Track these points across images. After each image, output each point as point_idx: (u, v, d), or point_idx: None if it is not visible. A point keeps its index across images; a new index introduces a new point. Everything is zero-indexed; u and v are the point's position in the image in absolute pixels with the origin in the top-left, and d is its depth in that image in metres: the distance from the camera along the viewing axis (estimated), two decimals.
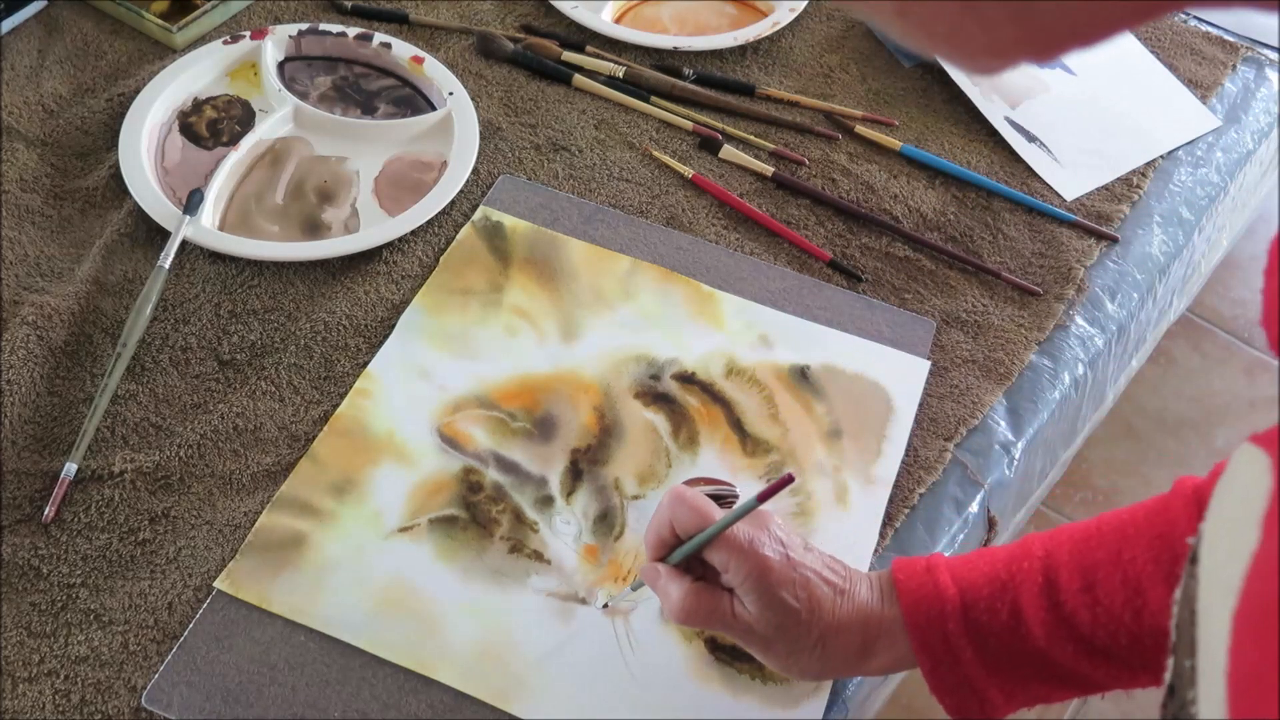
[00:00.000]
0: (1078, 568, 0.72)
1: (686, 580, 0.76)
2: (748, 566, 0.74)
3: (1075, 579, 0.72)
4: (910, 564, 0.77)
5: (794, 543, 0.77)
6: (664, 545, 0.78)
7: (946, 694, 0.75)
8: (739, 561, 0.74)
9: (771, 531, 0.76)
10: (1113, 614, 0.71)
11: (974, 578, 0.74)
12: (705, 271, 1.05)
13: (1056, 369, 1.04)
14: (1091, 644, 0.72)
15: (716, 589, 0.76)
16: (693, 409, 0.95)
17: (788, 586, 0.75)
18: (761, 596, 0.74)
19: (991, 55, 0.44)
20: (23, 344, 0.94)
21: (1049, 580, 0.72)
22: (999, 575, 0.74)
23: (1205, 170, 1.22)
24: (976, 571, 0.75)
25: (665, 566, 0.78)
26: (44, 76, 1.15)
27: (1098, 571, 0.71)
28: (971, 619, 0.73)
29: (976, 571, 0.75)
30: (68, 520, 0.87)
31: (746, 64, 1.25)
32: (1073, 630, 0.72)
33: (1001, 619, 0.73)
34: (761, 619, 0.75)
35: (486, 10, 1.27)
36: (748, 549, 0.75)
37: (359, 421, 0.93)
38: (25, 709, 0.79)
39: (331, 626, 0.82)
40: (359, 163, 1.11)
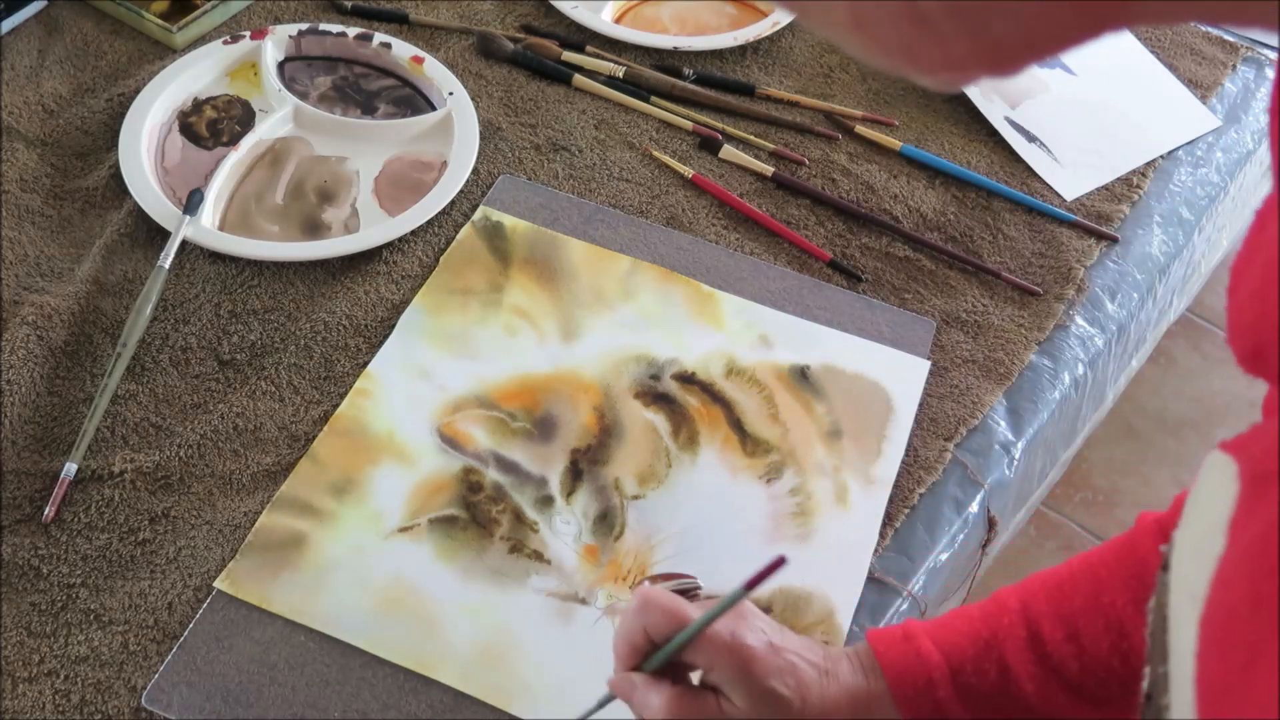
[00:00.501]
0: (1058, 617, 0.71)
1: (666, 686, 0.70)
2: (733, 661, 0.69)
3: (1058, 629, 0.71)
4: (887, 635, 0.74)
5: (771, 626, 0.72)
6: (636, 653, 0.71)
7: None
8: (724, 658, 0.69)
9: (750, 620, 0.71)
10: (1099, 660, 0.70)
11: (955, 639, 0.72)
12: (705, 271, 1.05)
13: (1056, 369, 1.04)
14: (1081, 691, 0.71)
15: (699, 691, 0.71)
16: (693, 409, 0.95)
17: (776, 675, 0.70)
18: (751, 690, 0.69)
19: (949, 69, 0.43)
20: (23, 344, 0.94)
21: (1032, 633, 0.71)
22: (980, 634, 0.72)
23: (1205, 170, 1.22)
24: (956, 633, 0.72)
25: (641, 676, 0.71)
26: (44, 76, 1.15)
27: (1079, 619, 0.70)
28: (961, 683, 0.71)
29: (956, 633, 0.72)
30: (68, 520, 0.87)
31: (746, 64, 1.25)
32: (1063, 681, 0.71)
33: (990, 678, 0.71)
34: (753, 713, 0.69)
35: (486, 10, 1.27)
36: (731, 643, 0.69)
37: (359, 421, 0.93)
38: (25, 709, 0.79)
39: (331, 626, 0.82)
40: (359, 163, 1.11)
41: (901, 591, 0.89)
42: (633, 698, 0.71)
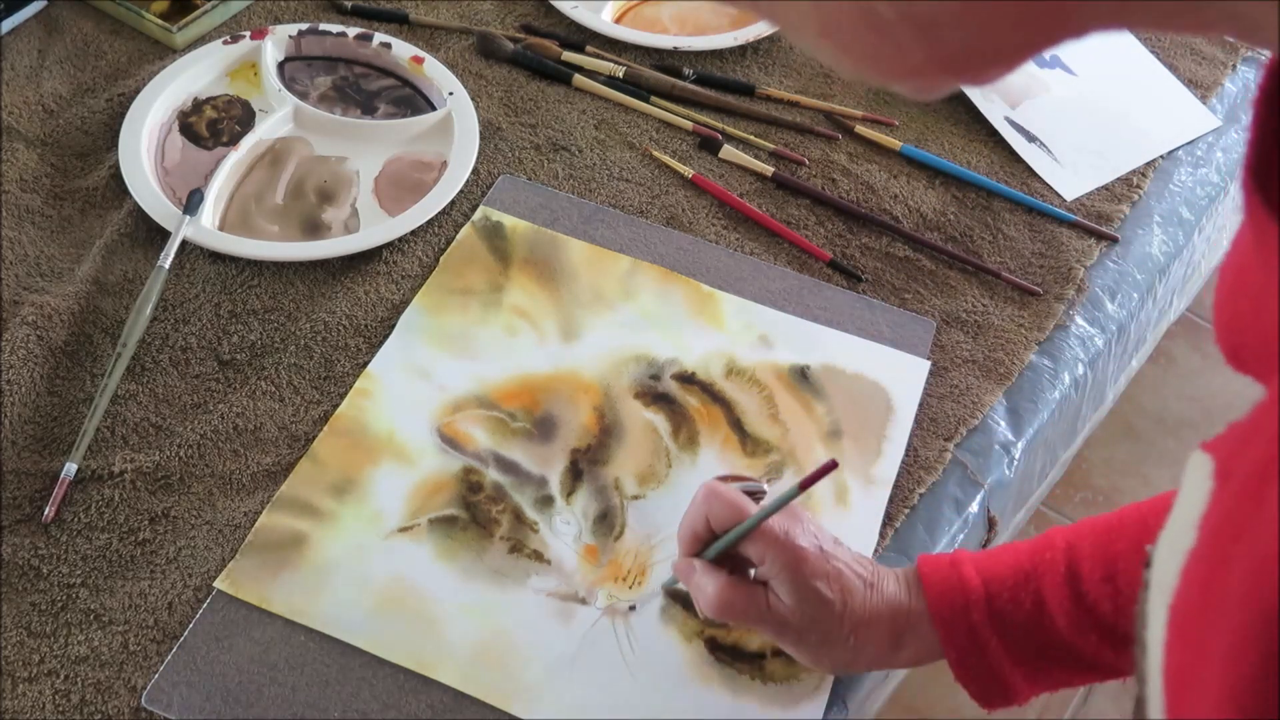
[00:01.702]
0: (1100, 558, 0.73)
1: (722, 575, 0.77)
2: (784, 558, 0.75)
3: (1097, 569, 0.72)
4: (935, 559, 0.78)
5: (825, 534, 0.78)
6: (698, 540, 0.79)
7: (972, 682, 0.76)
8: (775, 553, 0.75)
9: (805, 524, 0.77)
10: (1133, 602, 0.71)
11: (998, 570, 0.75)
12: (705, 271, 1.05)
13: (1056, 369, 1.04)
14: (1114, 631, 0.72)
15: (751, 583, 0.77)
16: (693, 409, 0.95)
17: (822, 578, 0.75)
18: (798, 589, 0.75)
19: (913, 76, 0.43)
20: (23, 344, 0.94)
21: (1071, 570, 0.73)
22: (1022, 566, 0.74)
23: (1205, 170, 1.22)
24: (1000, 563, 0.75)
25: (700, 561, 0.79)
26: (44, 76, 1.15)
27: (1119, 562, 0.72)
28: (995, 609, 0.74)
29: (1000, 563, 0.75)
30: (68, 520, 0.87)
31: (746, 64, 1.25)
32: (1095, 619, 0.72)
33: (1025, 609, 0.74)
34: (797, 611, 0.75)
35: (486, 10, 1.27)
36: (784, 541, 0.75)
37: (359, 421, 0.93)
38: (25, 709, 0.79)
39: (331, 626, 0.82)
40: (359, 163, 1.11)
41: None
42: (691, 580, 0.79)
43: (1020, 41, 0.42)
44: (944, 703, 1.69)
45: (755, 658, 0.83)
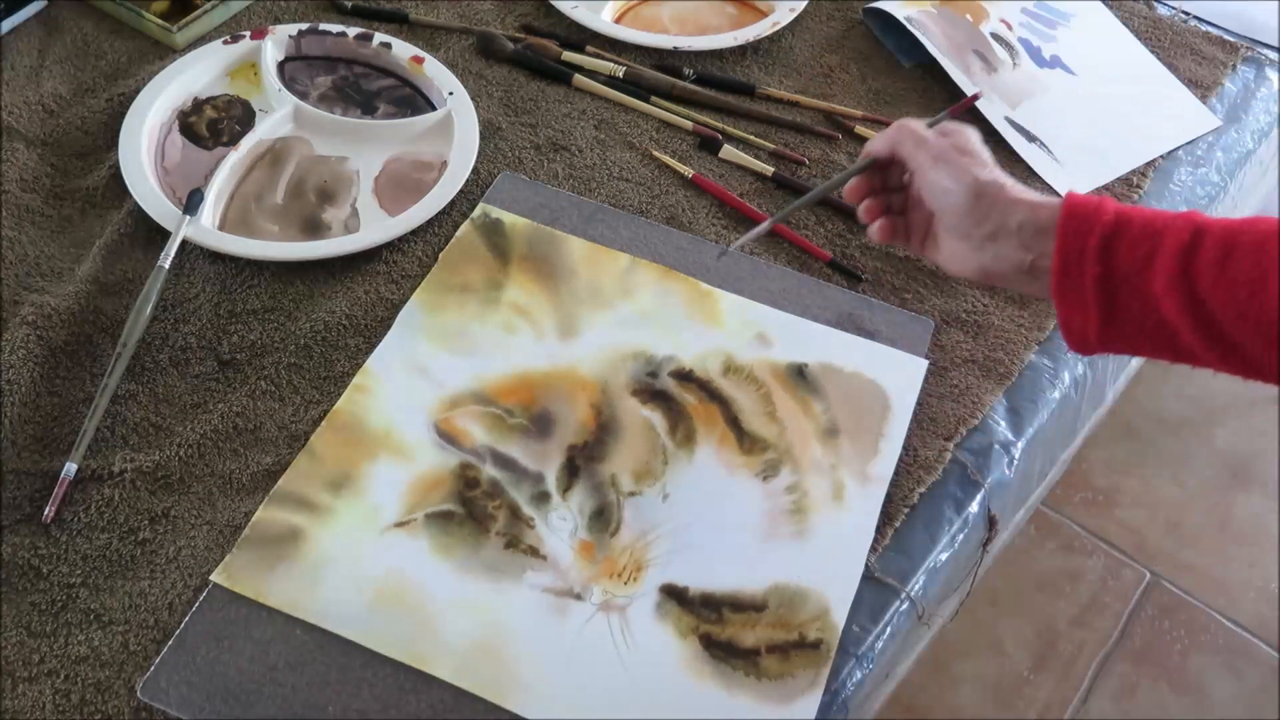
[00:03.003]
0: (1222, 242, 0.74)
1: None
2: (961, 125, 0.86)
3: (1215, 249, 0.74)
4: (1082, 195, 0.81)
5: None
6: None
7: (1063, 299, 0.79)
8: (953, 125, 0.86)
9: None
10: (1233, 286, 0.73)
11: (1134, 216, 0.78)
12: (705, 271, 1.05)
13: (1056, 369, 1.04)
14: (1201, 307, 0.74)
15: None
16: (690, 406, 0.96)
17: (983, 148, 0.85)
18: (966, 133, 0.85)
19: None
20: (23, 344, 0.94)
21: (1193, 242, 0.75)
22: (1155, 224, 0.77)
23: (1205, 170, 1.22)
24: (1139, 214, 0.78)
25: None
26: (44, 76, 1.15)
27: (1237, 250, 0.74)
28: (1111, 244, 0.77)
29: (1139, 214, 0.78)
30: (68, 520, 0.87)
31: (746, 64, 1.25)
32: (1190, 287, 0.74)
33: (1137, 254, 0.76)
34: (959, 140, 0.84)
35: (486, 10, 1.27)
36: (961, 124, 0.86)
37: (356, 417, 0.93)
38: (25, 709, 0.79)
39: (327, 620, 0.82)
40: (359, 163, 1.11)
41: (901, 592, 0.89)
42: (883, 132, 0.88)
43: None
44: (944, 703, 1.69)
45: (750, 654, 0.83)
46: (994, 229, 0.81)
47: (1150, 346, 0.78)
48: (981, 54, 1.26)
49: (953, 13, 1.28)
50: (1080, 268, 0.77)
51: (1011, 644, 1.76)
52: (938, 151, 0.83)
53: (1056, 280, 0.78)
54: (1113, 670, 1.75)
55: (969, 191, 0.81)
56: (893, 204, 0.90)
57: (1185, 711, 1.72)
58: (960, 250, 0.84)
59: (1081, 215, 0.78)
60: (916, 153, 0.84)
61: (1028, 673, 1.73)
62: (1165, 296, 0.75)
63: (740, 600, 0.86)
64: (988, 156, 0.84)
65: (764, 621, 0.85)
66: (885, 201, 0.89)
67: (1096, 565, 1.84)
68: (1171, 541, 1.86)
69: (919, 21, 1.25)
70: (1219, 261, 0.73)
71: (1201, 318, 0.74)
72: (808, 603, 0.86)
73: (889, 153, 0.86)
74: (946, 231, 0.84)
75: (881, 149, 0.87)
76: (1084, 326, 0.78)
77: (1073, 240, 0.78)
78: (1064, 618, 1.79)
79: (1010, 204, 0.81)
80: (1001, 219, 0.81)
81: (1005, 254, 0.81)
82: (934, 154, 0.83)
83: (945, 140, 0.84)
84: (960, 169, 0.82)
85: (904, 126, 0.85)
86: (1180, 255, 0.74)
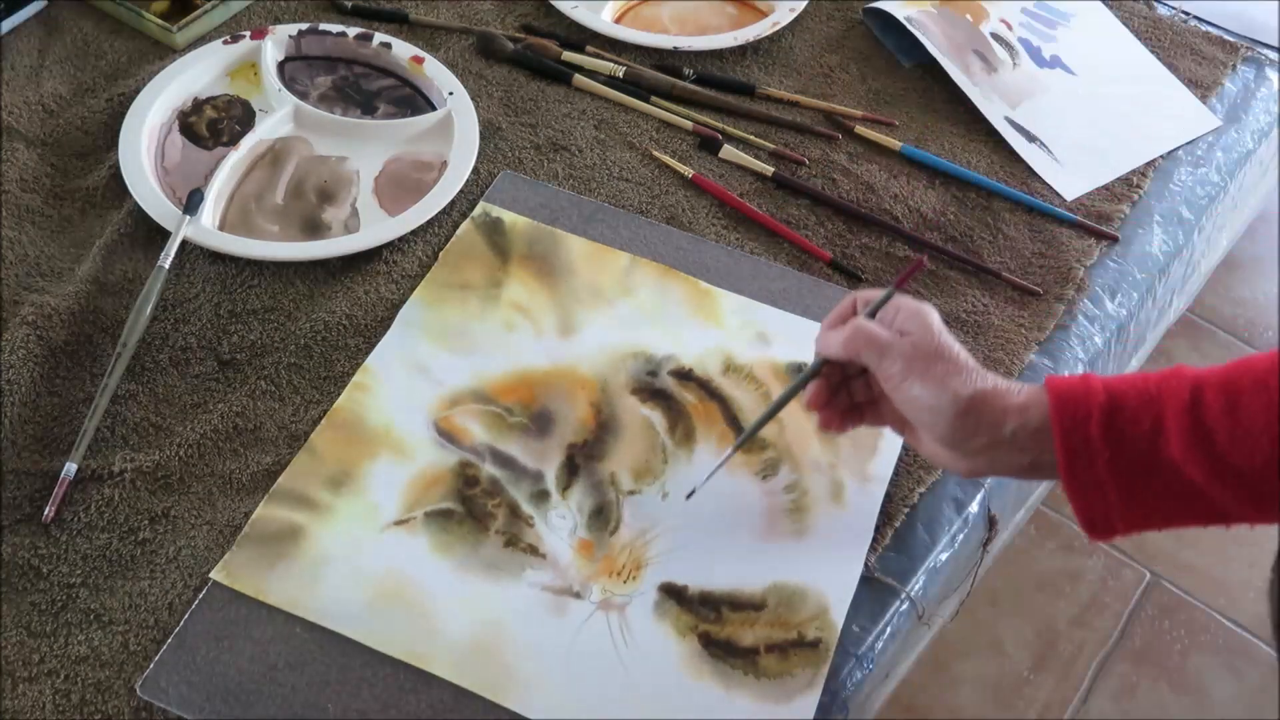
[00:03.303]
0: (1223, 391, 0.73)
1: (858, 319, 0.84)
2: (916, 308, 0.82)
3: (1220, 400, 0.73)
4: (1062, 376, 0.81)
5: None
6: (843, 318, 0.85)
7: (1078, 495, 0.76)
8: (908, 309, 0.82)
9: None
10: (1251, 434, 0.72)
11: (1123, 386, 0.76)
12: (705, 271, 1.05)
13: (1056, 369, 1.04)
14: (1225, 462, 0.72)
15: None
16: (690, 405, 0.96)
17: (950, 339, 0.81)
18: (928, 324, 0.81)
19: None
20: (23, 344, 0.94)
21: (1195, 398, 0.73)
22: (1149, 389, 0.75)
23: (1205, 170, 1.22)
24: (1126, 382, 0.77)
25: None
26: (44, 76, 1.15)
27: (1242, 395, 0.73)
28: (1114, 422, 0.75)
29: (1126, 382, 0.77)
30: (68, 520, 0.87)
31: (746, 64, 1.25)
32: (1209, 446, 0.73)
33: (1143, 428, 0.74)
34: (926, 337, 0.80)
35: (486, 10, 1.27)
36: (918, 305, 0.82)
37: (356, 415, 0.93)
38: (25, 709, 0.79)
39: (327, 619, 0.82)
40: (359, 163, 1.11)
41: (901, 592, 0.89)
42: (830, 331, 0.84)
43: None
44: (944, 703, 1.69)
45: (749, 653, 0.83)
46: (986, 442, 0.79)
47: (1180, 514, 0.76)
48: (981, 54, 1.26)
49: (953, 13, 1.28)
50: (1088, 458, 0.75)
51: (1011, 644, 1.76)
52: (906, 362, 0.79)
53: (1066, 477, 0.76)
54: (1113, 670, 1.75)
55: (952, 410, 0.78)
56: (855, 391, 0.87)
57: (1185, 711, 1.72)
58: (950, 457, 0.82)
59: (1073, 403, 0.76)
60: (882, 364, 0.80)
61: (1028, 673, 1.73)
62: (1186, 461, 0.73)
63: (739, 599, 0.86)
64: (956, 349, 0.80)
65: (763, 620, 0.85)
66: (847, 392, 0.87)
67: (1096, 565, 1.84)
68: (1171, 541, 1.86)
69: (919, 21, 1.25)
70: (1228, 412, 0.72)
71: (1228, 472, 0.72)
72: (806, 602, 0.86)
73: (847, 359, 0.83)
74: (931, 439, 0.82)
75: (838, 354, 0.83)
76: (1106, 513, 0.76)
77: (1073, 433, 0.75)
78: (1064, 618, 1.79)
79: (998, 415, 0.78)
80: (992, 432, 0.78)
81: (1001, 460, 0.79)
82: (904, 365, 0.80)
83: (907, 341, 0.80)
84: (937, 384, 0.79)
85: (860, 331, 0.81)
86: (1187, 415, 0.73)
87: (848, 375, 0.87)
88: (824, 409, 0.87)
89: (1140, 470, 0.74)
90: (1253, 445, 0.71)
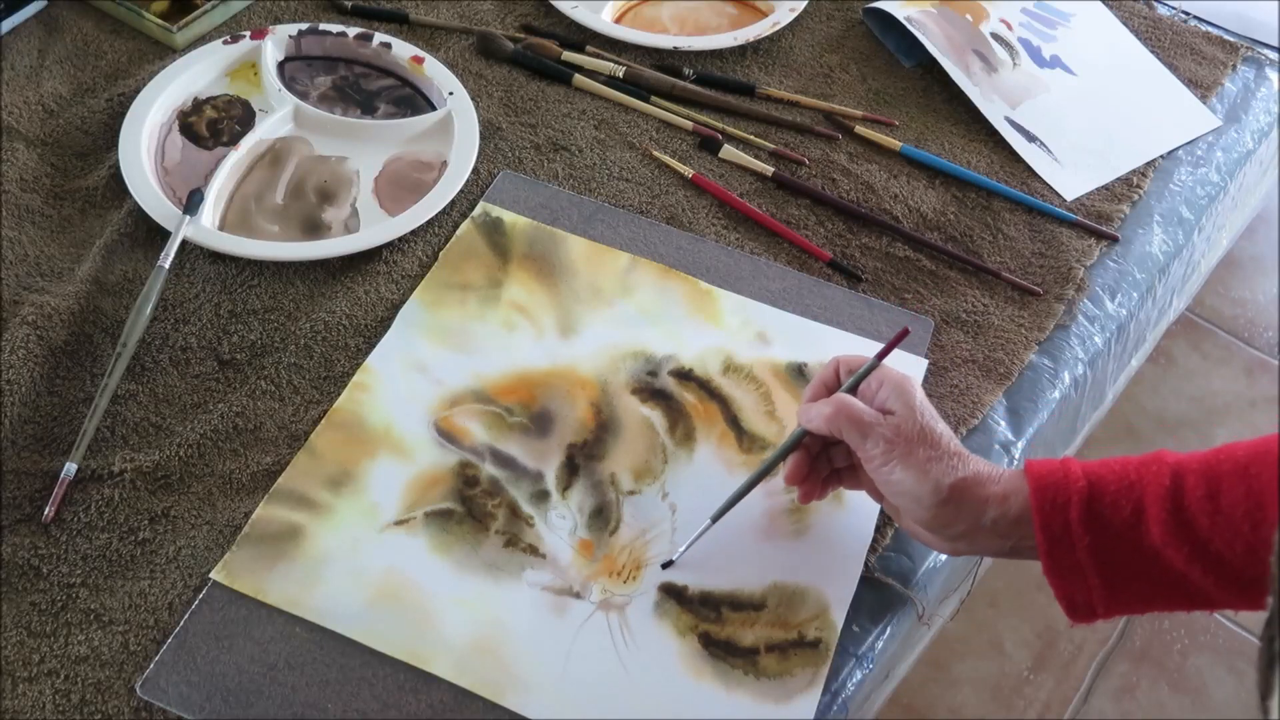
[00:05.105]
0: (1204, 478, 0.74)
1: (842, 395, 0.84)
2: (900, 381, 0.83)
3: (1200, 487, 0.73)
4: (1042, 460, 0.80)
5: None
6: (826, 388, 0.87)
7: (1059, 579, 0.77)
8: (891, 382, 0.83)
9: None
10: (1232, 522, 0.72)
11: (1104, 473, 0.77)
12: (705, 271, 1.05)
13: (1056, 369, 1.04)
14: (1206, 549, 0.73)
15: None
16: (689, 405, 0.96)
17: (935, 417, 0.82)
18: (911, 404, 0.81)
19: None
20: (23, 344, 0.94)
21: (1175, 484, 0.74)
22: (1128, 475, 0.76)
23: (1205, 170, 1.22)
24: (1107, 469, 0.77)
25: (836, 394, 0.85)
26: (44, 76, 1.15)
27: (1223, 482, 0.73)
28: (1094, 509, 0.75)
29: (1107, 469, 0.77)
30: (68, 520, 0.87)
31: (746, 64, 1.25)
32: (1190, 533, 0.73)
33: (1123, 514, 0.75)
34: (909, 418, 0.80)
35: (486, 10, 1.27)
36: (902, 378, 0.83)
37: (356, 415, 0.93)
38: (25, 709, 0.79)
39: (327, 618, 0.82)
40: (359, 163, 1.11)
41: (901, 592, 0.89)
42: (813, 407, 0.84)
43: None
44: (944, 703, 1.69)
45: (749, 653, 0.83)
46: (965, 529, 0.79)
47: (1162, 599, 0.76)
48: (981, 54, 1.26)
49: (953, 13, 1.28)
50: (1068, 544, 0.76)
51: (1011, 644, 1.76)
52: (888, 444, 0.80)
53: (1046, 563, 0.77)
54: (1113, 670, 1.75)
55: (933, 500, 0.79)
56: (834, 457, 0.87)
57: (1185, 711, 1.72)
58: (929, 538, 0.83)
59: (1052, 489, 0.76)
60: (865, 445, 0.81)
61: (1028, 673, 1.73)
62: (1167, 546, 0.73)
63: (739, 599, 0.86)
64: (939, 432, 0.81)
65: (763, 620, 0.85)
66: (827, 458, 0.87)
67: None
68: None
69: (919, 21, 1.25)
70: (1209, 498, 0.73)
71: (1209, 559, 0.73)
72: (806, 602, 0.86)
73: (829, 434, 0.83)
74: (910, 520, 0.83)
75: (820, 430, 0.83)
76: (1088, 598, 0.77)
77: (1053, 520, 0.76)
78: (1064, 618, 1.78)
79: (979, 504, 0.78)
80: (972, 520, 0.79)
81: (981, 544, 0.80)
82: (885, 448, 0.80)
83: (890, 424, 0.80)
84: (919, 470, 0.79)
85: (843, 410, 0.82)
86: (1167, 500, 0.73)
87: (828, 442, 0.87)
88: (804, 483, 0.87)
89: (1121, 556, 0.75)
90: (1233, 532, 0.72)
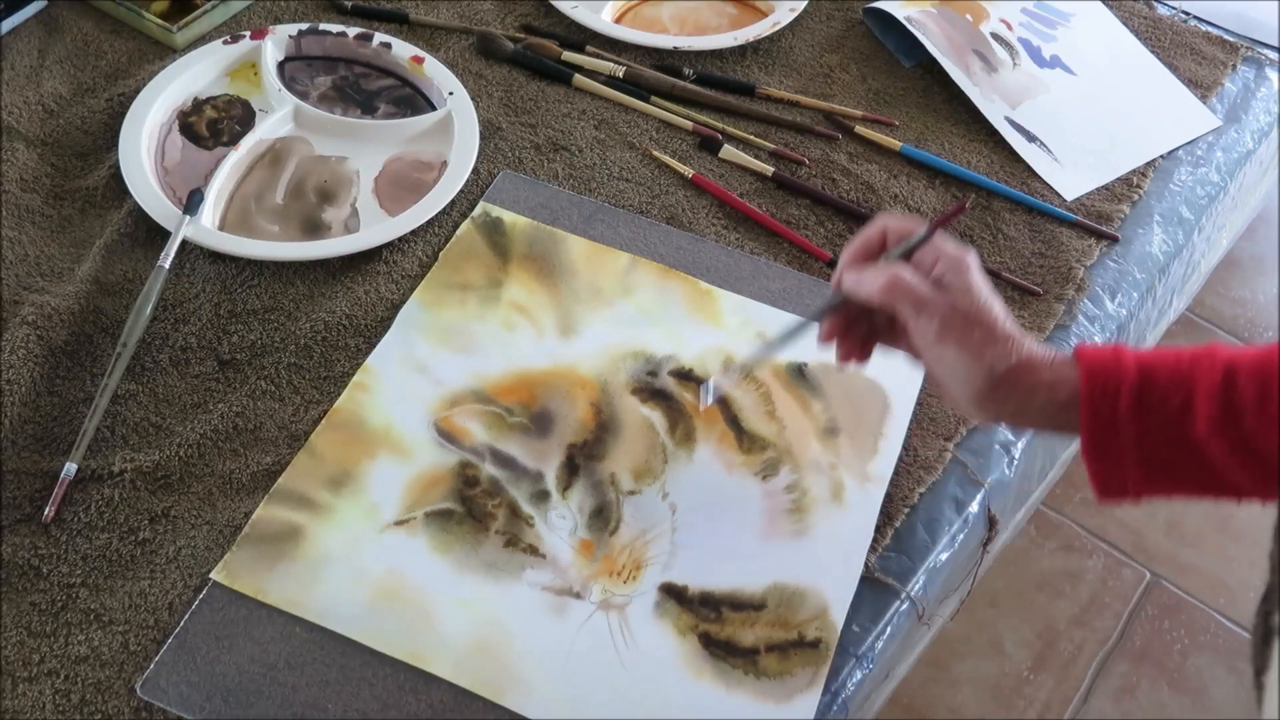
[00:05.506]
0: (1257, 377, 0.73)
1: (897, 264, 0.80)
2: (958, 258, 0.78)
3: (1253, 388, 0.73)
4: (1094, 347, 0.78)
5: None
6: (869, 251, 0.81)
7: (1097, 461, 0.76)
8: (948, 256, 0.78)
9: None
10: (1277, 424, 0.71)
11: (1156, 363, 0.75)
12: (705, 271, 1.05)
13: None
14: (1249, 445, 0.72)
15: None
16: (690, 405, 0.96)
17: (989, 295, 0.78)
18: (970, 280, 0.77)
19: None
20: (23, 344, 0.94)
21: (1228, 380, 0.73)
22: (1181, 367, 0.75)
23: (1205, 170, 1.22)
24: (1159, 359, 0.76)
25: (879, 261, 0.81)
26: (44, 76, 1.15)
27: (1273, 383, 0.72)
28: (1144, 398, 0.74)
29: (1159, 359, 0.76)
30: (68, 520, 0.87)
31: (746, 64, 1.25)
32: (1237, 431, 0.72)
33: (1172, 405, 0.74)
34: (967, 297, 0.77)
35: (486, 10, 1.27)
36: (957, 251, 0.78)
37: (356, 415, 0.93)
38: (25, 709, 0.79)
39: (327, 618, 0.82)
40: (359, 162, 1.11)
41: (901, 592, 0.89)
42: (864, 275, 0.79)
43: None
44: (944, 703, 1.69)
45: (749, 653, 0.83)
46: (1012, 411, 0.78)
47: (1195, 486, 0.76)
48: (981, 54, 1.26)
49: (953, 13, 1.28)
50: (1113, 432, 0.75)
51: (1011, 644, 1.76)
52: (943, 322, 0.76)
53: (1088, 447, 0.76)
54: (1113, 670, 1.75)
55: (985, 383, 0.76)
56: (877, 323, 0.84)
57: (1185, 711, 1.72)
58: (971, 411, 0.80)
59: (1103, 378, 0.75)
60: (919, 320, 0.77)
61: (1028, 673, 1.73)
62: (1210, 439, 0.73)
63: (739, 599, 0.86)
64: (994, 312, 0.77)
65: (763, 620, 0.85)
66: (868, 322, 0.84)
67: (1096, 565, 1.84)
68: (1171, 541, 1.86)
69: (919, 21, 1.25)
70: (1260, 399, 0.72)
71: (1251, 455, 0.72)
72: (806, 602, 0.86)
73: (880, 305, 0.79)
74: (957, 394, 0.80)
75: (871, 298, 0.79)
76: (1122, 481, 0.76)
77: (1101, 409, 0.75)
78: (1064, 618, 1.79)
79: (1028, 390, 0.76)
80: (1020, 404, 0.77)
81: (1022, 422, 0.80)
82: (940, 325, 0.76)
83: (946, 301, 0.77)
84: (973, 353, 0.76)
85: (899, 283, 0.77)
86: (1218, 397, 0.72)
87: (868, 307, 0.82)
88: (843, 340, 0.84)
89: (1163, 445, 0.74)
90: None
